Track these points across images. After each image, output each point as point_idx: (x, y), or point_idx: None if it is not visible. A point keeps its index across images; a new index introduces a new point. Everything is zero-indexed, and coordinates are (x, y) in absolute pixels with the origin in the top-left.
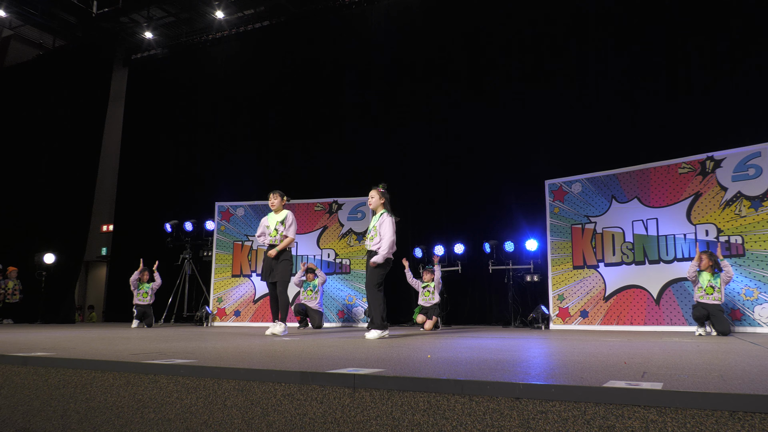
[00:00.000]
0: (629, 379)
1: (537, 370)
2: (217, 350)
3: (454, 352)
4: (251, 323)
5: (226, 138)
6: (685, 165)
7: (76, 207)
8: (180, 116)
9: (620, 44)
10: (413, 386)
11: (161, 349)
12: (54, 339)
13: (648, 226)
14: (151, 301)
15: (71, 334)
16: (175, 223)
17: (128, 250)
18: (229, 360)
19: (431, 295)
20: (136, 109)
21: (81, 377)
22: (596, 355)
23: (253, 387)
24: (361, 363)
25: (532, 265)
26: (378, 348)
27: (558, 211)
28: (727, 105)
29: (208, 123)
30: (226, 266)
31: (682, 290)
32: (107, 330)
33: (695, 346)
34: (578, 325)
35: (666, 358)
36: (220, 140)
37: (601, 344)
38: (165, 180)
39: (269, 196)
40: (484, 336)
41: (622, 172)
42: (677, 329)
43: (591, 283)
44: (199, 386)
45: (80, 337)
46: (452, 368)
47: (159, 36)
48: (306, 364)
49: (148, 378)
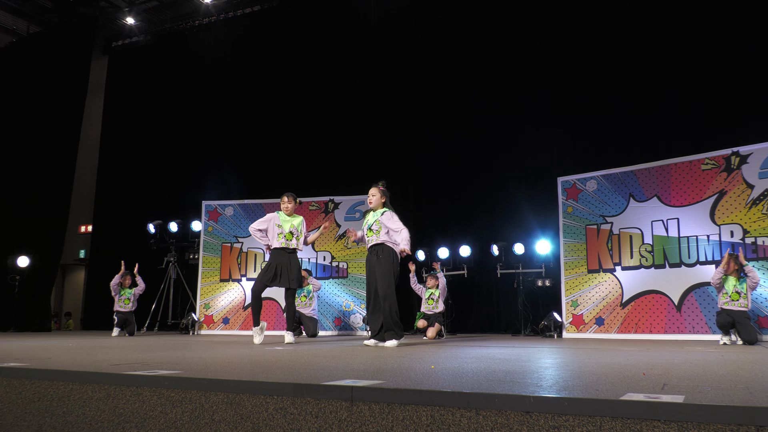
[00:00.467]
0: (648, 391)
1: (549, 381)
2: (204, 360)
3: (459, 363)
4: (241, 331)
5: (214, 132)
6: (708, 161)
7: (52, 206)
8: (164, 108)
9: (634, 32)
10: (415, 399)
11: (144, 360)
12: (28, 348)
13: (668, 227)
14: (133, 307)
15: (47, 343)
16: (158, 224)
17: (108, 252)
18: (217, 371)
19: (435, 303)
20: (117, 100)
21: (57, 390)
22: (613, 365)
23: (243, 400)
24: (360, 374)
25: (543, 269)
26: (377, 358)
27: (571, 210)
28: (754, 95)
29: (194, 116)
30: (214, 270)
31: (705, 296)
32: (86, 338)
33: (719, 356)
34: (593, 334)
35: (688, 369)
36: (207, 134)
37: (618, 354)
38: (148, 177)
39: (282, 198)
40: (492, 345)
41: (640, 168)
42: (700, 338)
43: (607, 288)
44: (184, 399)
45: (56, 346)
46: (457, 380)
47: (141, 22)
48: (300, 375)
49: (129, 390)
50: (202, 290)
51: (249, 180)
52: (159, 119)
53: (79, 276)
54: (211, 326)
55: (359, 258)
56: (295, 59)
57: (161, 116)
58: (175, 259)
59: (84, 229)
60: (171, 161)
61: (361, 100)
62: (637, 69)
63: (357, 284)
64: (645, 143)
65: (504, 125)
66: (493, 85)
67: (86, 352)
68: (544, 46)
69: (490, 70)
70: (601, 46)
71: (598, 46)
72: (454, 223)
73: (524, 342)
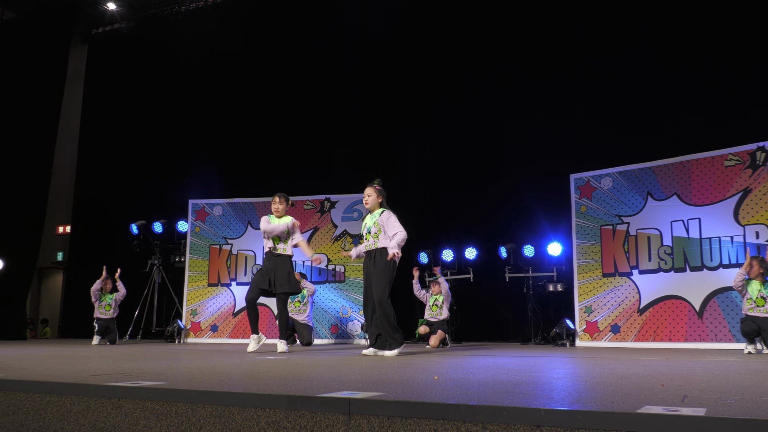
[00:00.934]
0: (667, 404)
1: (561, 393)
2: (191, 371)
3: (464, 373)
4: (230, 339)
5: (202, 125)
6: (731, 156)
7: (27, 204)
8: (148, 100)
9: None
10: (418, 412)
11: (126, 370)
12: (1, 358)
13: (689, 228)
14: (115, 314)
15: (22, 352)
16: (142, 224)
17: (88, 255)
18: (205, 382)
19: (439, 309)
20: (98, 91)
21: (33, 402)
22: (629, 376)
23: (232, 413)
24: (358, 385)
25: (555, 273)
26: (377, 368)
27: (585, 209)
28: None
29: (180, 108)
30: (202, 274)
31: (728, 301)
32: (64, 347)
33: (744, 365)
34: (608, 342)
35: (710, 380)
36: (195, 128)
37: (635, 364)
38: (131, 174)
39: (274, 198)
40: (500, 354)
41: (659, 164)
42: (723, 346)
43: (623, 293)
44: (170, 412)
45: (32, 355)
46: (463, 391)
47: (123, 7)
48: (294, 386)
49: (111, 403)
50: (188, 295)
51: (239, 177)
52: (143, 111)
53: (56, 280)
54: (199, 334)
55: (357, 261)
56: (291, 44)
57: (145, 108)
58: (160, 262)
59: (62, 229)
60: (156, 157)
61: (361, 88)
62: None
63: (355, 289)
64: (664, 137)
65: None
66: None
67: (64, 362)
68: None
69: (502, 62)
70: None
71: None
72: (459, 222)
73: (534, 351)
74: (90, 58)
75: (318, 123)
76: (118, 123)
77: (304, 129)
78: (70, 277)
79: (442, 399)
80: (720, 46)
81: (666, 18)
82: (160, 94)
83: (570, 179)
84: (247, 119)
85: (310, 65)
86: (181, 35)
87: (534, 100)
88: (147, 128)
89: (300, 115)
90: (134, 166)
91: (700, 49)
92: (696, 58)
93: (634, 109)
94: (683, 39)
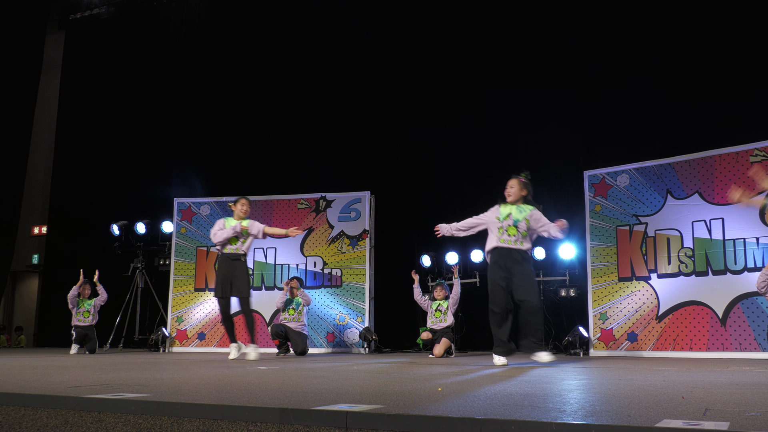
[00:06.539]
0: (688, 417)
1: (574, 406)
2: (176, 382)
3: (470, 384)
4: (218, 348)
5: (188, 119)
6: (757, 152)
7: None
8: (130, 92)
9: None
10: (420, 426)
11: (107, 381)
12: None
13: (712, 228)
14: (94, 321)
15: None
16: (123, 225)
17: (66, 257)
18: (191, 394)
19: (443, 315)
20: (76, 81)
21: (7, 415)
22: (647, 387)
23: (221, 427)
24: (356, 398)
25: (567, 277)
26: (376, 379)
27: (600, 209)
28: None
29: (165, 100)
30: (188, 278)
31: (754, 308)
32: (40, 357)
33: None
34: (625, 351)
35: (733, 392)
36: (180, 121)
37: (653, 374)
38: (112, 171)
39: (241, 201)
40: (508, 364)
41: (679, 160)
42: (747, 356)
43: (641, 298)
44: (154, 426)
45: (6, 365)
46: (468, 404)
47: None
48: (287, 399)
49: (90, 416)
50: (173, 301)
51: (228, 174)
52: (124, 104)
53: (31, 285)
54: (185, 342)
55: (355, 264)
56: (280, 36)
57: (127, 100)
58: (143, 266)
59: (38, 230)
60: (138, 152)
61: (359, 80)
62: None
63: (353, 294)
64: (685, 132)
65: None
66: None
67: (40, 373)
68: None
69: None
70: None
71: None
72: None
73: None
74: (67, 46)
75: (312, 117)
76: (98, 116)
77: (297, 123)
78: (47, 282)
79: (445, 412)
80: (748, 35)
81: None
82: (143, 85)
83: (584, 176)
84: (237, 112)
85: (304, 56)
86: (166, 22)
87: (545, 92)
88: (129, 122)
89: (293, 108)
90: (115, 162)
91: (728, 37)
92: (720, 46)
93: (654, 101)
94: (707, 25)
